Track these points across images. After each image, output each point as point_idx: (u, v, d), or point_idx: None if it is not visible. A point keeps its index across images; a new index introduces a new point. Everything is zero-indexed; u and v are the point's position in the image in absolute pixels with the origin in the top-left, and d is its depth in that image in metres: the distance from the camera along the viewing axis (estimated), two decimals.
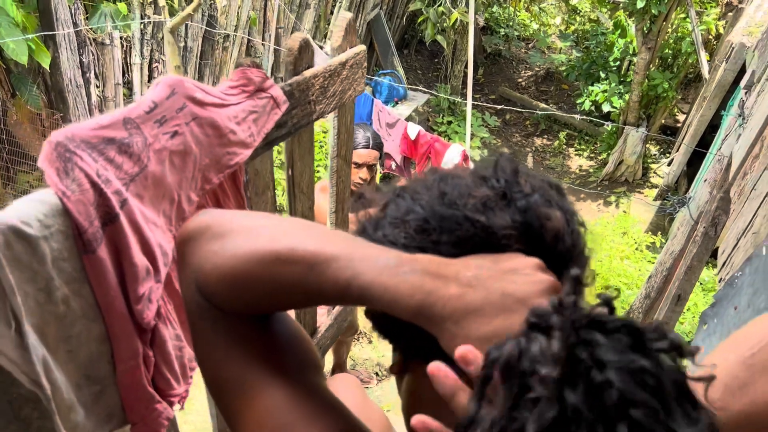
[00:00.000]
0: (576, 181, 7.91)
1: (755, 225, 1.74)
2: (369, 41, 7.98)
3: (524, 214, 0.59)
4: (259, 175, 1.33)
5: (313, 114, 1.42)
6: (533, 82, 10.07)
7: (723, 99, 6.35)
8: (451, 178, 0.63)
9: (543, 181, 0.64)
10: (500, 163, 0.65)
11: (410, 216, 0.61)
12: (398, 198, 0.65)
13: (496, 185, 0.61)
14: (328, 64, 1.49)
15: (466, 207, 0.59)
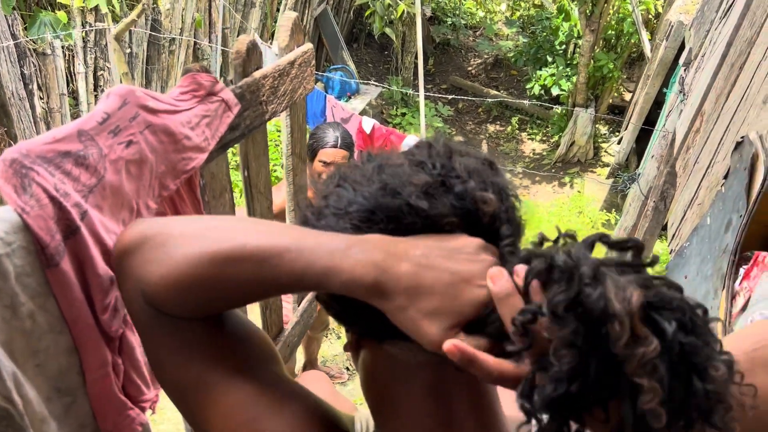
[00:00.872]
0: (530, 164, 8.05)
1: (699, 196, 1.82)
2: (317, 37, 7.96)
3: (462, 201, 0.61)
4: (215, 179, 1.34)
5: (265, 114, 1.43)
6: (483, 69, 10.18)
7: (666, 76, 6.55)
8: (388, 165, 0.64)
9: (477, 160, 0.67)
10: (434, 146, 0.66)
11: (353, 207, 0.62)
12: (339, 188, 0.65)
13: (434, 171, 0.62)
14: (277, 64, 1.49)
15: (409, 196, 0.60)
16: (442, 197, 0.61)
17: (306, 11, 7.27)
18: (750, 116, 1.65)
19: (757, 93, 1.65)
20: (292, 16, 1.65)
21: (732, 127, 1.80)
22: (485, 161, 0.68)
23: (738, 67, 1.89)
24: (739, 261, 1.48)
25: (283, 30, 1.62)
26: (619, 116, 8.46)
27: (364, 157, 0.69)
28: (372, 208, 0.62)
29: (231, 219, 0.69)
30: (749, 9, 1.95)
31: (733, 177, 1.57)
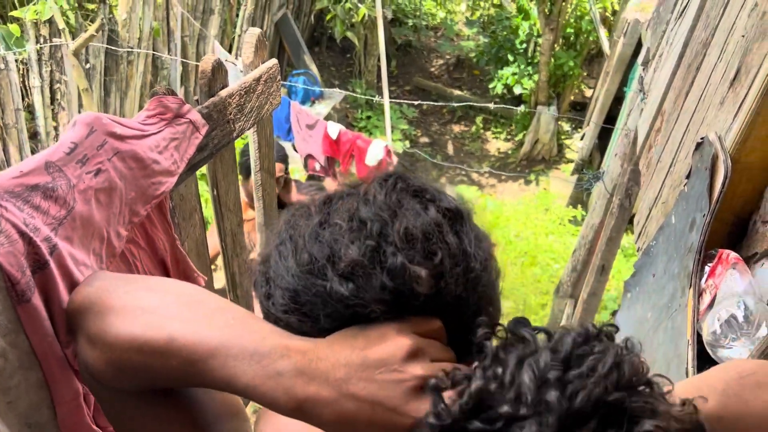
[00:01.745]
0: (496, 163, 8.13)
1: (663, 195, 1.87)
2: (278, 42, 7.91)
3: (393, 279, 0.56)
4: (185, 200, 1.32)
5: (233, 133, 1.42)
6: (445, 70, 10.25)
7: (624, 72, 6.68)
8: (329, 226, 0.60)
9: (432, 215, 0.60)
10: (387, 195, 0.61)
11: (284, 283, 0.60)
12: (280, 247, 0.63)
13: (368, 241, 0.57)
14: (243, 82, 1.48)
15: (333, 279, 0.57)
16: (369, 278, 0.56)
17: (266, 16, 7.22)
18: (708, 117, 1.69)
19: (714, 94, 1.69)
20: (256, 32, 1.64)
21: (692, 126, 1.85)
22: (448, 212, 0.62)
23: (695, 68, 1.94)
24: (704, 259, 1.52)
25: (247, 46, 1.61)
26: (581, 113, 8.60)
27: (316, 205, 0.65)
28: (296, 290, 0.59)
29: (175, 291, 0.66)
30: (703, 11, 2.00)
31: (695, 177, 1.61)
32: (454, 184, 7.57)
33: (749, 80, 1.42)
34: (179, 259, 1.21)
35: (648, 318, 1.69)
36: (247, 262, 2.89)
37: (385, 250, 0.56)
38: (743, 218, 1.55)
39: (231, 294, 1.87)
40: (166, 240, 1.14)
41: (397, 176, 0.64)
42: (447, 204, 0.62)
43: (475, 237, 0.63)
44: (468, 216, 0.65)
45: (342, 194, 0.65)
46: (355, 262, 0.56)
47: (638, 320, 1.78)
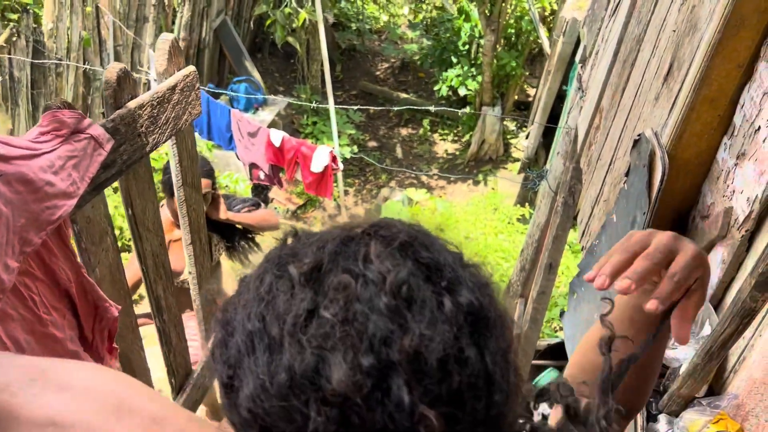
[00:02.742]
0: (444, 165, 8.15)
1: (605, 193, 1.84)
2: (218, 49, 7.74)
3: (394, 422, 0.43)
4: (93, 223, 1.21)
5: (145, 147, 1.32)
6: (391, 73, 10.24)
7: (565, 71, 6.78)
8: (317, 319, 0.46)
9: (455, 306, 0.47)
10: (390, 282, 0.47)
11: (251, 389, 0.47)
12: (248, 325, 0.49)
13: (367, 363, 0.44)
14: (155, 91, 1.38)
15: (314, 411, 0.44)
16: (363, 419, 0.44)
17: (204, 23, 7.04)
18: (645, 113, 1.67)
19: (649, 90, 1.68)
20: (169, 38, 1.54)
21: (629, 123, 1.83)
22: (469, 315, 0.48)
23: (630, 64, 1.93)
24: None
25: (160, 54, 1.51)
26: (525, 112, 8.70)
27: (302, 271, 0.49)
28: (265, 409, 0.46)
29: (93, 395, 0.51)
30: (635, 7, 2.00)
31: (634, 174, 1.58)
32: (404, 187, 7.54)
33: (682, 75, 1.41)
34: (87, 289, 1.10)
35: (595, 318, 1.66)
36: (179, 282, 2.74)
37: (389, 379, 0.43)
38: (682, 214, 1.54)
39: (157, 319, 1.75)
40: (68, 269, 1.04)
41: (406, 242, 0.51)
42: (466, 299, 0.48)
43: (498, 344, 0.49)
44: (492, 314, 0.50)
45: (334, 252, 0.50)
46: (347, 394, 0.43)
47: (585, 321, 1.75)
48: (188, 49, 6.75)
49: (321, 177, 4.64)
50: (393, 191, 7.26)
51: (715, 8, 1.27)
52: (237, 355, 0.49)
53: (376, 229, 0.53)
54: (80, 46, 4.89)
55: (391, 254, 0.49)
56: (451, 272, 0.49)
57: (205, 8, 6.92)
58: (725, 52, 1.26)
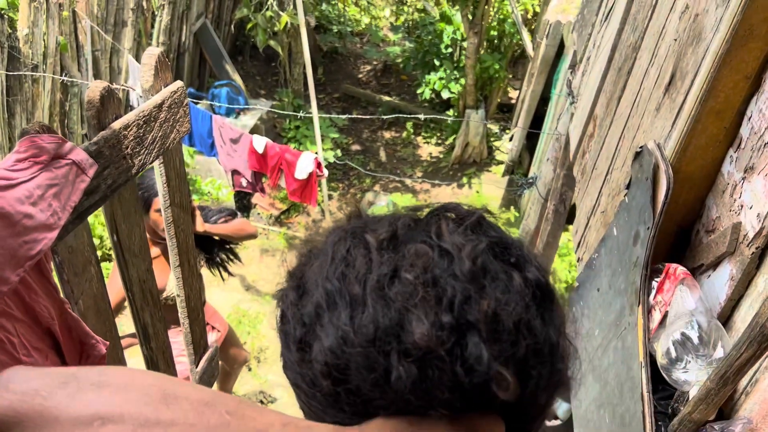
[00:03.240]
0: (429, 168, 8.11)
1: (602, 204, 1.80)
2: (198, 52, 7.62)
3: (470, 377, 0.46)
4: (75, 253, 1.14)
5: (131, 169, 1.25)
6: (373, 76, 10.18)
7: (548, 73, 6.78)
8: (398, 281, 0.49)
9: (523, 281, 0.51)
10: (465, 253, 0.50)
11: (331, 342, 0.49)
12: (327, 285, 0.51)
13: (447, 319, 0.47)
14: (141, 110, 1.31)
15: (396, 362, 0.46)
16: (441, 372, 0.46)
17: (184, 27, 6.93)
18: (644, 123, 1.63)
19: (648, 99, 1.64)
20: (155, 52, 1.46)
21: (627, 133, 1.79)
22: (538, 289, 0.52)
23: (626, 72, 1.89)
24: (651, 274, 1.45)
25: (146, 69, 1.43)
26: (508, 114, 8.69)
27: (377, 238, 0.53)
28: (348, 361, 0.48)
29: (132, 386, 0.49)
30: (629, 14, 1.96)
31: (636, 187, 1.54)
32: (388, 191, 7.48)
33: (686, 86, 1.37)
34: (71, 326, 1.03)
35: (596, 335, 1.62)
36: (163, 299, 2.66)
37: (467, 337, 0.46)
38: (685, 228, 1.50)
39: (144, 348, 1.67)
40: (50, 305, 0.96)
41: (476, 222, 0.55)
42: (534, 275, 0.52)
43: (559, 319, 0.53)
44: (554, 292, 0.54)
45: (407, 226, 0.55)
46: (429, 347, 0.45)
47: (585, 336, 1.71)
48: (168, 54, 6.63)
49: (305, 184, 4.57)
50: (377, 195, 7.20)
51: (723, 18, 1.23)
52: (314, 312, 0.51)
53: (445, 210, 0.58)
54: (57, 51, 4.77)
55: (463, 232, 0.53)
56: (518, 251, 0.54)
57: (185, 12, 6.81)
58: (733, 62, 1.22)
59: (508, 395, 0.47)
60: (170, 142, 1.44)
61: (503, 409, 0.49)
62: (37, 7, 4.45)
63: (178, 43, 6.89)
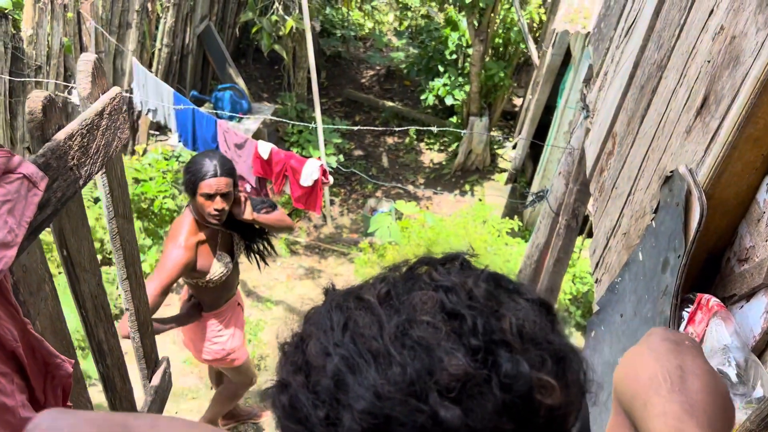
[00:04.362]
0: (431, 174, 8.07)
1: (623, 225, 1.76)
2: (202, 55, 7.58)
3: (512, 393, 0.46)
4: (29, 272, 1.09)
5: (79, 180, 1.20)
6: (376, 81, 10.14)
7: (554, 82, 6.75)
8: (416, 324, 0.48)
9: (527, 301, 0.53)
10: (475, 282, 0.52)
11: (363, 405, 0.46)
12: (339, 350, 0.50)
13: (473, 341, 0.47)
14: (83, 119, 1.26)
15: (438, 401, 0.45)
16: (481, 398, 0.45)
17: (188, 29, 6.89)
18: (673, 145, 1.58)
19: (677, 121, 1.59)
20: (91, 58, 1.41)
21: (651, 154, 1.74)
22: (543, 306, 0.54)
23: (650, 91, 1.84)
24: (681, 303, 1.40)
25: (82, 76, 1.37)
26: (511, 122, 8.66)
27: (374, 295, 0.53)
28: (388, 416, 0.45)
29: None
30: (654, 30, 1.92)
31: (665, 212, 1.49)
32: (391, 197, 7.44)
33: (721, 111, 1.32)
34: (35, 347, 0.99)
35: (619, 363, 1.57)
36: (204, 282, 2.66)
37: (498, 355, 0.47)
38: (716, 255, 1.45)
39: (100, 365, 1.63)
40: (13, 327, 0.92)
41: (463, 262, 0.58)
42: (533, 296, 0.55)
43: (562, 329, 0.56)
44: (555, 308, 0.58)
45: (403, 280, 0.55)
46: (466, 374, 0.45)
47: (607, 363, 1.66)
48: (171, 56, 6.58)
49: (310, 191, 4.53)
50: (380, 202, 7.16)
51: (765, 42, 1.18)
52: (334, 383, 0.49)
53: (424, 262, 0.58)
54: (61, 52, 4.72)
55: (457, 272, 0.54)
56: (510, 281, 0.56)
57: (189, 14, 6.76)
58: None
59: (553, 400, 0.48)
60: (113, 150, 1.40)
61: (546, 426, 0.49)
62: (41, 8, 4.40)
63: (182, 45, 6.84)
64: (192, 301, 2.94)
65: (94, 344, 1.60)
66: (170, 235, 2.64)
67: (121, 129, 1.47)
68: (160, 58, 6.31)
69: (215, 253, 2.72)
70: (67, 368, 1.13)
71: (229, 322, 3.02)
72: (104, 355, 1.66)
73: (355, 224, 7.09)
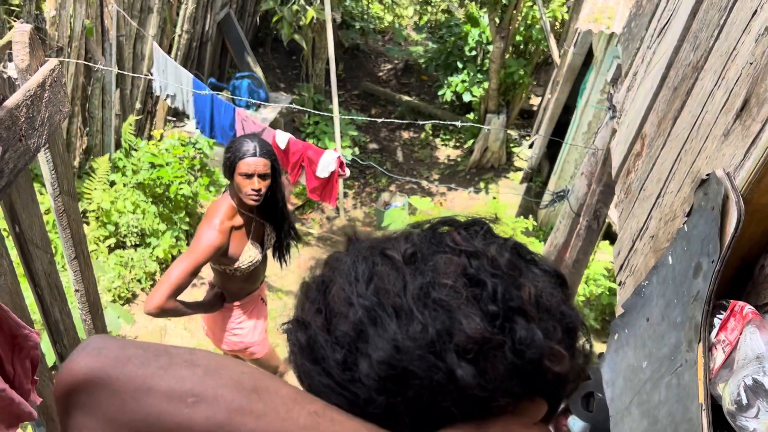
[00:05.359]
0: (445, 171, 8.03)
1: (651, 228, 1.73)
2: (221, 42, 7.57)
3: (523, 359, 0.49)
4: None
5: (29, 152, 1.18)
6: (393, 75, 10.10)
7: (574, 82, 6.69)
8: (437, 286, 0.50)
9: (543, 272, 0.56)
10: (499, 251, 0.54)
11: (381, 355, 0.49)
12: (361, 300, 0.52)
13: (492, 307, 0.49)
14: (27, 90, 1.24)
15: (455, 360, 0.47)
16: (495, 360, 0.48)
17: (208, 15, 6.88)
18: (708, 148, 1.55)
19: (713, 123, 1.56)
20: (27, 29, 1.38)
21: (684, 156, 1.71)
22: (558, 277, 0.57)
23: (684, 93, 1.81)
24: (713, 310, 1.37)
25: (19, 47, 1.35)
26: (528, 120, 8.59)
27: (401, 253, 0.55)
28: (405, 369, 0.48)
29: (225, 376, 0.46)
30: (689, 31, 1.88)
31: (699, 216, 1.46)
32: (404, 191, 7.42)
33: (764, 114, 1.29)
34: (1, 317, 0.97)
35: (644, 368, 1.55)
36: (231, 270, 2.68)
37: (515, 322, 0.50)
38: (749, 261, 1.42)
39: (58, 345, 1.61)
40: None
41: (481, 222, 0.60)
42: (551, 267, 0.58)
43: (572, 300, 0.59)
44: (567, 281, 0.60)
45: (428, 241, 0.57)
46: (483, 338, 0.48)
47: (630, 367, 1.63)
48: (191, 42, 6.58)
49: (326, 182, 4.51)
50: (393, 196, 7.13)
51: None
52: (354, 330, 0.51)
53: (446, 223, 0.60)
54: (83, 35, 4.72)
55: (482, 237, 0.57)
56: (530, 252, 0.58)
57: (210, 1, 6.75)
58: None
59: (561, 368, 0.51)
60: (56, 123, 1.37)
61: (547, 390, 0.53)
62: None
63: (202, 31, 6.84)
64: (216, 290, 2.93)
65: (51, 323, 1.59)
66: (206, 216, 2.63)
67: (62, 102, 1.45)
68: (180, 44, 6.31)
69: (247, 241, 2.72)
70: (35, 338, 1.12)
71: (251, 315, 3.01)
72: (61, 335, 1.64)
73: (368, 218, 7.07)
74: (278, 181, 2.70)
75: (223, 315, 2.97)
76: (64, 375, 0.46)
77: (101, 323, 2.02)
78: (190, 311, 2.64)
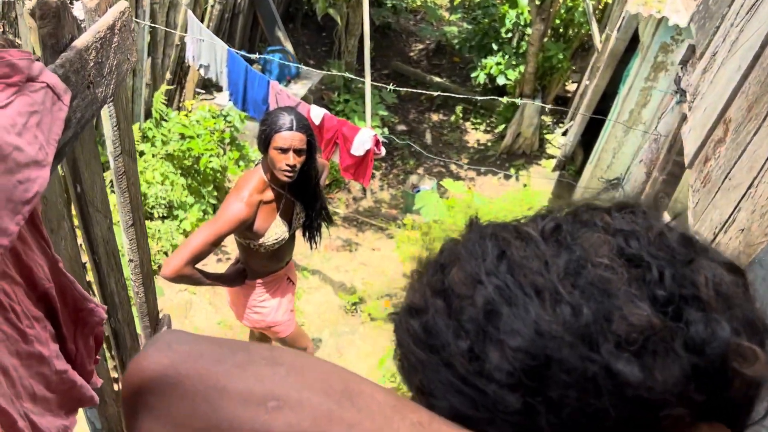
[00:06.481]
0: (475, 155, 7.86)
1: (740, 220, 1.57)
2: (252, 15, 7.44)
3: (700, 355, 0.40)
4: (50, 205, 0.96)
5: (96, 102, 1.06)
6: (425, 55, 9.91)
7: (615, 68, 6.47)
8: (591, 266, 0.41)
9: (722, 265, 0.45)
10: (664, 232, 0.45)
11: (519, 342, 0.40)
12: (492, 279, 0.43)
13: (660, 292, 0.40)
14: (96, 31, 1.11)
15: (614, 352, 0.39)
16: (665, 356, 0.39)
17: None
18: None
19: None
20: None
21: None
22: (738, 269, 0.46)
23: None
24: None
25: None
26: (563, 107, 8.37)
27: (538, 228, 0.47)
28: (550, 358, 0.39)
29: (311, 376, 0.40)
30: None
31: None
32: (432, 174, 7.27)
33: None
34: (66, 290, 0.86)
35: None
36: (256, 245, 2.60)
37: (688, 312, 0.41)
38: None
39: (111, 320, 1.49)
40: (45, 264, 0.79)
41: (636, 203, 0.50)
42: (724, 257, 0.47)
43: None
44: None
45: (569, 217, 0.49)
46: (652, 326, 0.39)
47: None
48: (223, 13, 6.45)
49: (360, 161, 4.38)
50: (422, 179, 6.99)
51: None
52: (484, 313, 0.44)
53: (592, 206, 0.51)
54: None
55: (639, 219, 0.48)
56: (699, 239, 0.49)
57: None
58: None
59: (754, 371, 0.41)
60: (124, 73, 1.25)
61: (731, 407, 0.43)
62: None
63: (234, 3, 6.71)
64: (238, 266, 2.86)
65: (107, 295, 1.48)
66: (235, 187, 2.54)
67: (130, 50, 1.33)
68: (212, 15, 6.18)
69: (275, 217, 2.60)
70: (100, 314, 1.01)
71: (275, 293, 2.93)
72: (116, 309, 1.53)
73: (395, 200, 6.94)
74: (314, 158, 2.58)
75: (245, 291, 2.90)
76: (132, 373, 0.42)
77: (152, 297, 1.93)
78: (208, 282, 2.56)
